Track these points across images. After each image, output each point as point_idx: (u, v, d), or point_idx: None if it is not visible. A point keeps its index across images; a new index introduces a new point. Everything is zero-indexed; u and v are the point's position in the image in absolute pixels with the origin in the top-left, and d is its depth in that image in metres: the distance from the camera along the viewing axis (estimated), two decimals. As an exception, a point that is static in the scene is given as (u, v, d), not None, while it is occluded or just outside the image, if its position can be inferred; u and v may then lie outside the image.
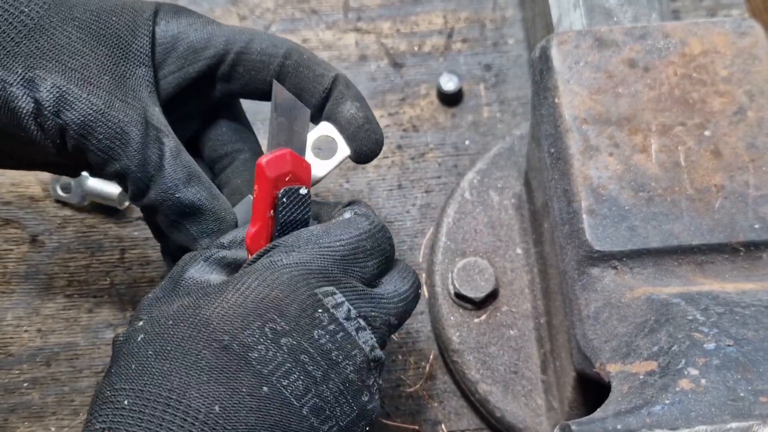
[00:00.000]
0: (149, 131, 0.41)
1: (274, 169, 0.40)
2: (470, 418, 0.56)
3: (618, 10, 0.57)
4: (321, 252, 0.39)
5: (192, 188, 0.42)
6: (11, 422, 0.56)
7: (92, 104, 0.39)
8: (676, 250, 0.43)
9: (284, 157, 0.40)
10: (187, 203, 0.42)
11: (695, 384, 0.35)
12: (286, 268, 0.38)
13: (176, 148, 0.42)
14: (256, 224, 0.40)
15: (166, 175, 0.41)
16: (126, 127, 0.40)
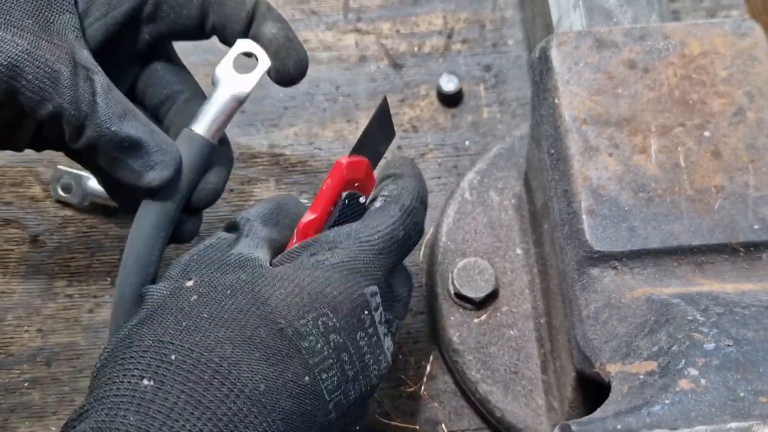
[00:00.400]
0: (78, 70, 0.40)
1: (350, 172, 0.42)
2: (470, 418, 0.56)
3: (618, 11, 0.57)
4: (362, 247, 0.40)
5: (128, 122, 0.41)
6: (12, 422, 0.56)
7: (18, 45, 0.39)
8: (675, 250, 0.43)
9: (362, 164, 0.42)
10: (125, 137, 0.41)
11: (695, 384, 0.35)
12: (337, 267, 0.39)
13: (107, 84, 0.41)
14: (315, 212, 0.42)
15: (100, 111, 0.41)
16: (55, 65, 0.40)
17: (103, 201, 0.62)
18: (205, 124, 0.45)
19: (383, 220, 0.42)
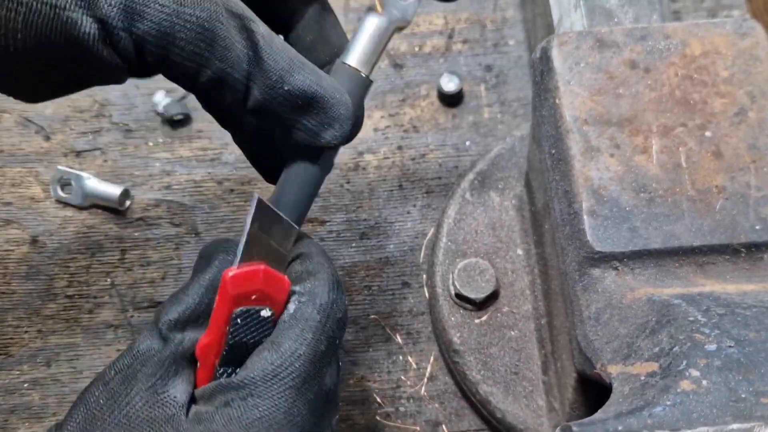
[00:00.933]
0: (233, 21, 0.35)
1: (237, 287, 0.36)
2: (471, 418, 0.56)
3: (619, 11, 0.57)
4: (280, 391, 0.35)
5: (298, 75, 0.36)
6: (11, 423, 0.56)
7: (164, 7, 0.34)
8: (677, 251, 0.43)
9: (256, 274, 0.36)
10: (299, 93, 0.36)
11: (696, 385, 0.35)
12: (254, 427, 0.34)
13: (268, 34, 0.36)
14: (209, 335, 0.37)
15: (267, 68, 0.36)
16: (207, 24, 0.34)
17: (103, 201, 0.62)
18: (362, 57, 0.39)
19: (300, 336, 0.36)
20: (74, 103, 0.66)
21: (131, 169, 0.64)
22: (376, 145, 0.64)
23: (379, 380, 0.57)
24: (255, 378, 0.35)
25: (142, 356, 0.36)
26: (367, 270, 0.61)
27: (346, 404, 0.57)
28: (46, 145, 0.65)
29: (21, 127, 0.65)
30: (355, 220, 0.62)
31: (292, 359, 0.36)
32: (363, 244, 0.61)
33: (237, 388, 0.35)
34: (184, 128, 0.65)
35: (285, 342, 0.36)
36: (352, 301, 0.60)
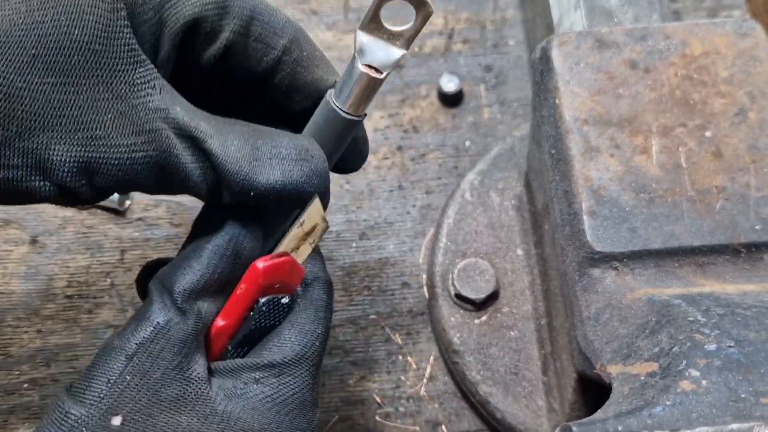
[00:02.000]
0: (185, 148, 0.35)
1: (268, 278, 0.37)
2: (471, 419, 0.56)
3: (619, 11, 0.57)
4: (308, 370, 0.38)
5: (262, 176, 0.36)
6: (11, 423, 0.56)
7: (118, 158, 0.34)
8: (677, 251, 0.43)
9: (284, 265, 0.37)
10: (267, 194, 0.36)
11: (696, 385, 0.35)
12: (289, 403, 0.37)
13: (221, 144, 0.35)
14: (226, 319, 0.37)
15: (230, 181, 0.35)
16: (162, 161, 0.34)
17: (103, 202, 0.62)
18: (345, 96, 0.37)
19: (316, 317, 0.39)
20: (74, 103, 0.66)
21: (131, 169, 0.64)
22: (376, 145, 0.64)
23: (378, 380, 0.57)
24: (286, 359, 0.37)
25: (164, 331, 0.35)
26: (366, 270, 0.61)
27: (346, 404, 0.57)
28: (46, 145, 0.64)
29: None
30: (354, 221, 0.62)
31: (313, 338, 0.38)
32: (363, 244, 0.61)
33: (268, 367, 0.37)
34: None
35: (306, 323, 0.38)
36: (352, 302, 0.60)
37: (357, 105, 0.37)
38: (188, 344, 0.35)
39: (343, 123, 0.37)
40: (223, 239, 0.37)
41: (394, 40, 0.36)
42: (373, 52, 0.36)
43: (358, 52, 0.36)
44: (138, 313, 0.36)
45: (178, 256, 0.37)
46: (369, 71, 0.36)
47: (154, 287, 0.36)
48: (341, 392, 0.57)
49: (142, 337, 0.35)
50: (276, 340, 0.38)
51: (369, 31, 0.36)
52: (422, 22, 0.36)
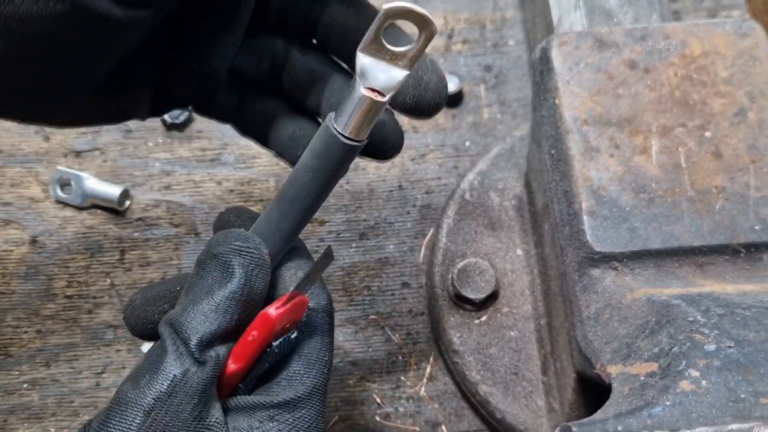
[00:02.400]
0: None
1: (280, 323, 0.36)
2: (471, 419, 0.56)
3: (618, 11, 0.57)
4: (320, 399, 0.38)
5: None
6: (11, 423, 0.56)
7: None
8: (676, 251, 0.43)
9: (295, 306, 0.37)
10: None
11: (696, 385, 0.35)
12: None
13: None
14: (239, 362, 0.36)
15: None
16: None
17: (103, 202, 0.62)
18: (346, 120, 0.36)
19: (321, 344, 0.39)
20: (74, 104, 0.66)
21: (131, 169, 0.64)
22: (376, 146, 0.64)
23: (378, 380, 0.57)
24: (299, 394, 0.37)
25: (182, 383, 0.34)
26: (366, 270, 0.61)
27: (346, 404, 0.57)
28: (46, 145, 0.64)
29: (21, 127, 0.65)
30: (354, 221, 0.62)
31: (322, 367, 0.38)
32: (363, 244, 0.61)
33: (283, 404, 0.36)
34: (186, 128, 0.65)
35: (313, 353, 0.38)
36: (352, 302, 0.60)
37: (358, 130, 0.36)
38: (206, 392, 0.35)
39: (344, 148, 0.36)
40: (238, 285, 0.36)
41: (396, 61, 0.35)
42: (375, 74, 0.35)
43: (360, 75, 0.35)
44: (151, 361, 0.35)
45: (188, 299, 0.36)
46: (371, 95, 0.35)
47: (166, 333, 0.35)
48: (341, 392, 0.57)
49: (158, 390, 0.34)
50: (286, 375, 0.38)
51: (370, 52, 0.34)
52: (426, 41, 0.34)
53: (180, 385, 0.34)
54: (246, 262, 0.36)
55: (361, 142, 0.36)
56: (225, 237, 0.37)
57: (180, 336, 0.35)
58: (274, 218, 0.38)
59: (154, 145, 0.64)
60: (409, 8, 0.33)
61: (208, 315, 0.35)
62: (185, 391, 0.34)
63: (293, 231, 0.39)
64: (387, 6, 0.33)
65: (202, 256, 0.37)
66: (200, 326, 0.35)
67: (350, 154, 0.37)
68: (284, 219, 0.38)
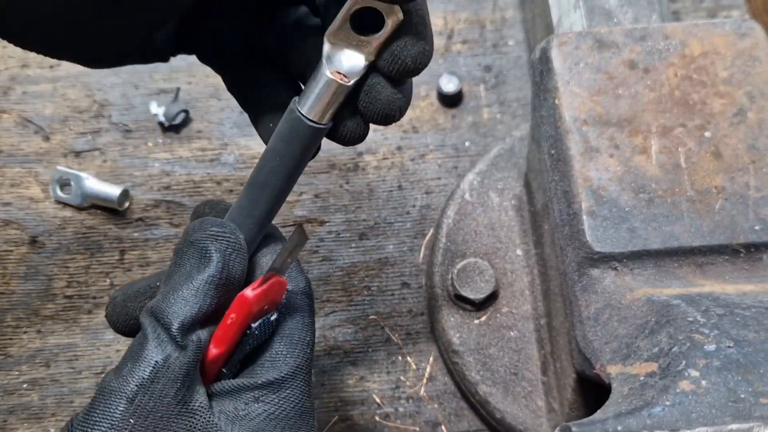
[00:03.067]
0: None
1: (258, 304, 0.37)
2: (470, 419, 0.56)
3: (618, 11, 0.57)
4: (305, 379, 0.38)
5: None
6: (10, 423, 0.56)
7: None
8: (676, 251, 0.43)
9: (271, 288, 0.37)
10: None
11: (696, 385, 0.35)
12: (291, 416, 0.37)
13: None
14: (220, 346, 0.37)
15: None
16: None
17: (103, 202, 0.62)
18: (310, 103, 0.36)
19: (302, 324, 0.39)
20: (73, 104, 0.66)
21: (130, 169, 0.64)
22: (376, 146, 0.64)
23: (378, 381, 0.57)
24: (283, 374, 0.37)
25: (164, 368, 0.35)
26: (366, 270, 0.61)
27: (346, 404, 0.57)
28: (46, 145, 0.64)
29: (20, 128, 0.65)
30: (354, 221, 0.62)
31: (304, 347, 0.38)
32: (362, 244, 0.61)
33: (266, 385, 0.37)
34: (184, 129, 0.65)
35: (295, 334, 0.38)
36: (352, 302, 0.60)
37: (323, 112, 0.36)
38: (189, 376, 0.35)
39: (309, 131, 0.37)
40: (216, 269, 0.36)
41: (362, 48, 0.35)
42: (341, 59, 0.36)
43: (326, 59, 0.36)
44: (133, 350, 0.35)
45: (167, 287, 0.37)
46: (336, 77, 0.36)
47: (147, 321, 0.36)
48: (341, 392, 0.57)
49: (140, 377, 0.34)
50: (268, 356, 0.38)
51: (337, 37, 0.35)
52: (392, 29, 0.35)
53: (162, 370, 0.34)
54: (222, 246, 0.37)
55: (326, 125, 0.37)
56: (200, 224, 0.38)
57: (161, 322, 0.35)
58: (245, 205, 0.39)
59: (154, 145, 0.64)
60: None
61: (188, 299, 0.36)
62: (167, 377, 0.34)
63: (265, 216, 0.39)
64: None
65: (179, 245, 0.38)
66: (180, 311, 0.35)
67: (315, 137, 0.37)
68: (255, 205, 0.39)
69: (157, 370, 0.34)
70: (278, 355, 0.38)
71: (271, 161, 0.38)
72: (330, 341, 0.59)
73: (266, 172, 0.38)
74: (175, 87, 0.66)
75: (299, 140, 0.37)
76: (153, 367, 0.34)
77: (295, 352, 0.38)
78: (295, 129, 0.37)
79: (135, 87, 0.66)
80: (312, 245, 0.61)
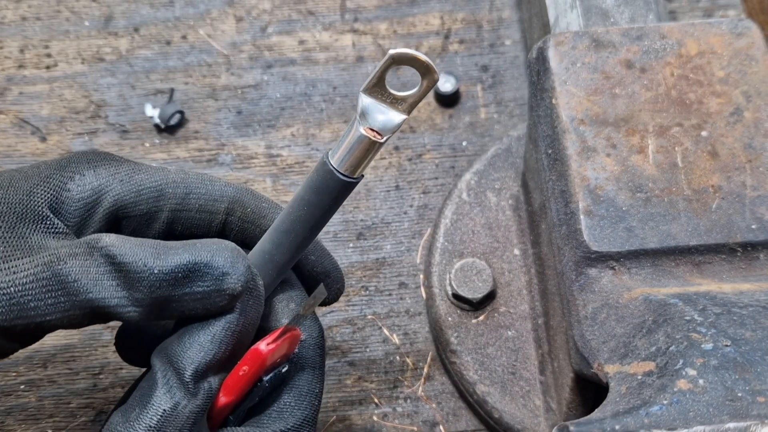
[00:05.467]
0: (98, 259, 0.35)
1: (272, 357, 0.37)
2: (468, 419, 0.56)
3: (615, 11, 0.57)
4: (311, 428, 0.38)
5: (165, 258, 0.34)
6: (8, 425, 0.56)
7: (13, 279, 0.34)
8: (673, 250, 0.43)
9: (286, 341, 0.37)
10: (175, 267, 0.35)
11: (693, 384, 0.35)
12: None
13: (131, 251, 0.34)
14: (229, 397, 0.37)
15: (137, 280, 0.34)
16: (55, 274, 0.34)
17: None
18: (343, 157, 0.36)
19: (312, 377, 0.39)
20: (70, 104, 0.66)
21: (127, 169, 0.64)
22: (373, 146, 0.64)
23: (376, 380, 0.57)
24: (291, 426, 0.38)
25: (172, 416, 0.34)
26: (364, 270, 0.61)
27: (344, 405, 0.57)
28: (42, 146, 0.64)
29: (17, 128, 0.65)
30: (352, 221, 0.62)
31: (312, 398, 0.39)
32: (360, 244, 0.61)
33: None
34: (181, 129, 0.65)
35: (305, 386, 0.39)
36: (350, 302, 0.60)
37: (355, 167, 0.36)
38: (197, 425, 0.35)
39: (339, 184, 0.37)
40: (234, 316, 0.36)
41: (396, 105, 0.36)
42: (375, 115, 0.36)
43: (360, 115, 0.36)
44: (142, 394, 0.35)
45: (183, 330, 0.36)
46: (370, 134, 0.36)
47: (159, 364, 0.35)
48: (339, 392, 0.57)
49: (148, 425, 0.34)
50: (276, 407, 0.38)
51: (372, 94, 0.35)
52: (427, 89, 0.35)
53: (170, 419, 0.34)
54: (246, 293, 0.36)
55: (356, 180, 0.37)
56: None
57: (174, 366, 0.35)
58: (268, 250, 0.39)
59: (151, 146, 0.64)
60: (413, 55, 0.34)
61: (204, 345, 0.35)
62: (175, 425, 0.34)
63: (286, 263, 0.39)
64: (393, 51, 0.34)
65: None
66: (196, 356, 0.35)
67: (345, 191, 0.38)
68: (277, 251, 0.39)
69: (165, 418, 0.34)
70: (286, 407, 0.38)
71: (298, 210, 0.38)
72: (328, 341, 0.59)
73: (293, 219, 0.38)
74: (171, 87, 0.66)
75: (329, 192, 0.37)
76: (161, 416, 0.34)
77: (304, 404, 0.38)
78: (326, 181, 0.37)
79: (132, 87, 0.66)
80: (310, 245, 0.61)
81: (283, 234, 0.38)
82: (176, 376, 0.35)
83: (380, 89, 0.35)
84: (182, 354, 0.35)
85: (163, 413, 0.34)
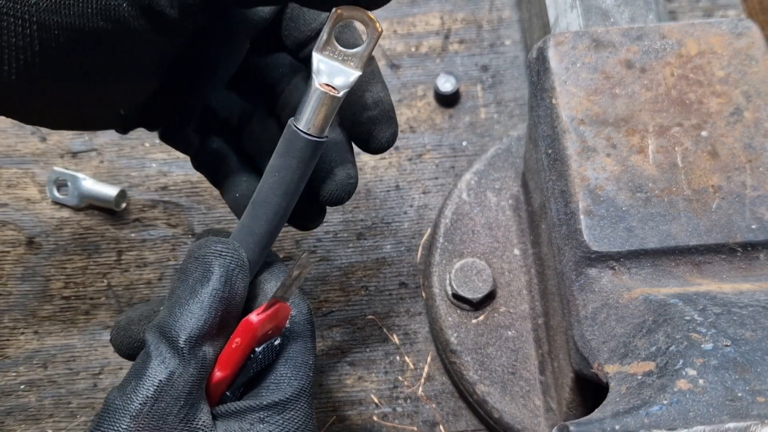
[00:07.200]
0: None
1: (262, 329, 0.37)
2: (468, 418, 0.56)
3: (615, 11, 0.57)
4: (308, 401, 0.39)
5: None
6: (8, 425, 0.56)
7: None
8: (673, 250, 0.43)
9: (276, 313, 0.38)
10: None
11: (693, 384, 0.35)
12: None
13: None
14: (224, 371, 0.37)
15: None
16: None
17: (100, 202, 0.62)
18: (304, 117, 0.38)
19: (305, 348, 0.40)
20: (70, 104, 0.66)
21: (127, 169, 0.64)
22: (373, 146, 0.64)
23: (376, 380, 0.57)
24: (287, 396, 0.38)
25: (168, 386, 0.35)
26: (364, 270, 0.61)
27: (344, 404, 0.57)
28: (42, 146, 0.64)
29: (17, 128, 0.65)
30: (351, 221, 0.62)
31: (307, 369, 0.39)
32: (360, 244, 0.61)
33: (272, 406, 0.37)
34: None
35: (298, 357, 0.39)
36: (350, 302, 0.60)
37: (317, 125, 0.38)
38: (193, 393, 0.36)
39: (305, 144, 0.38)
40: (220, 282, 0.37)
41: (348, 62, 0.38)
42: (329, 72, 0.38)
43: (315, 73, 0.38)
44: (137, 368, 0.36)
45: (172, 302, 0.37)
46: (326, 89, 0.37)
47: (151, 338, 0.36)
48: (339, 392, 0.57)
49: (144, 395, 0.34)
50: (273, 379, 0.39)
51: (324, 53, 0.38)
52: (373, 42, 0.37)
53: (166, 388, 0.35)
54: (226, 262, 0.38)
55: (321, 138, 0.38)
56: (204, 242, 0.39)
57: (167, 337, 0.36)
58: (247, 223, 0.40)
59: (151, 146, 0.64)
60: (354, 9, 0.37)
61: (194, 312, 0.36)
62: (171, 395, 0.35)
63: (266, 234, 0.40)
64: (336, 8, 0.37)
65: (182, 263, 0.39)
66: (187, 323, 0.36)
67: (312, 151, 0.39)
68: (255, 222, 0.39)
69: (162, 388, 0.35)
70: (282, 378, 0.39)
71: (270, 178, 0.39)
72: (328, 341, 0.59)
73: (266, 189, 0.39)
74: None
75: (296, 154, 0.38)
76: (157, 386, 0.35)
77: (299, 375, 0.39)
78: (291, 143, 0.38)
79: (132, 87, 0.66)
80: (309, 245, 0.61)
81: (259, 206, 0.39)
82: (169, 346, 0.36)
83: (331, 48, 0.38)
84: (174, 323, 0.36)
85: (159, 383, 0.35)
